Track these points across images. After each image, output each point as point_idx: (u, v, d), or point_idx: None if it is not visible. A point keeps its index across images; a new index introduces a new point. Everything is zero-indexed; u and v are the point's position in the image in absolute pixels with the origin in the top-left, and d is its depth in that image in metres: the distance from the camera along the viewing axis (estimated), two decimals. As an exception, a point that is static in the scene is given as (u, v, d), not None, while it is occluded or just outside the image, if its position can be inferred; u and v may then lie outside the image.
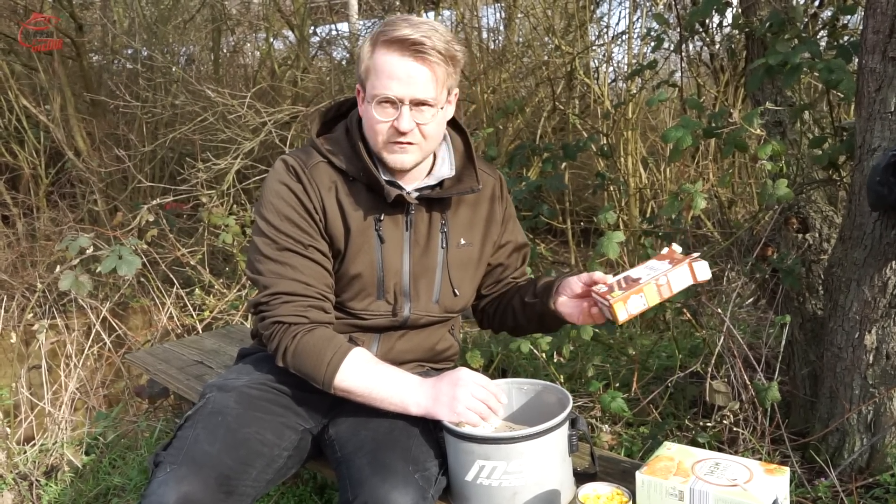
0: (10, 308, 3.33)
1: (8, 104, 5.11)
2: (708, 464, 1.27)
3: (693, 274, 1.36)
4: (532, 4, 5.25)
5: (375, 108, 1.44)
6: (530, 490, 1.34)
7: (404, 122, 1.43)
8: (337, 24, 6.95)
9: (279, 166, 1.53)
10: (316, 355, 1.43)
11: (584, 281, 1.51)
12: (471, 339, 3.19)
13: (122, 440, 2.83)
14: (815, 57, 2.18)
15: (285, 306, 1.46)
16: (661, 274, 1.35)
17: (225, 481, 1.32)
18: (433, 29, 1.42)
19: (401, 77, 1.41)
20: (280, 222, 1.49)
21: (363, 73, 1.46)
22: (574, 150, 3.09)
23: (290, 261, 1.48)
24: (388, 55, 1.41)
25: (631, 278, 1.40)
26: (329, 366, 1.42)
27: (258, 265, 1.50)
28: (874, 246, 2.02)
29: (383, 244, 1.53)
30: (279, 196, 1.50)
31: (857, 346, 2.10)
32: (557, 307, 1.56)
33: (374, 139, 1.49)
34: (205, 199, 3.98)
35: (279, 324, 1.46)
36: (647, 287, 1.34)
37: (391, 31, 1.41)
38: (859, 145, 2.04)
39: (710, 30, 3.40)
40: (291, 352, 1.45)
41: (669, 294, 1.36)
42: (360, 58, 1.47)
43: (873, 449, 2.13)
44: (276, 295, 1.47)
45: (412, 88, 1.41)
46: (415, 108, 1.44)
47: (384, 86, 1.42)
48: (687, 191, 2.21)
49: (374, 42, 1.43)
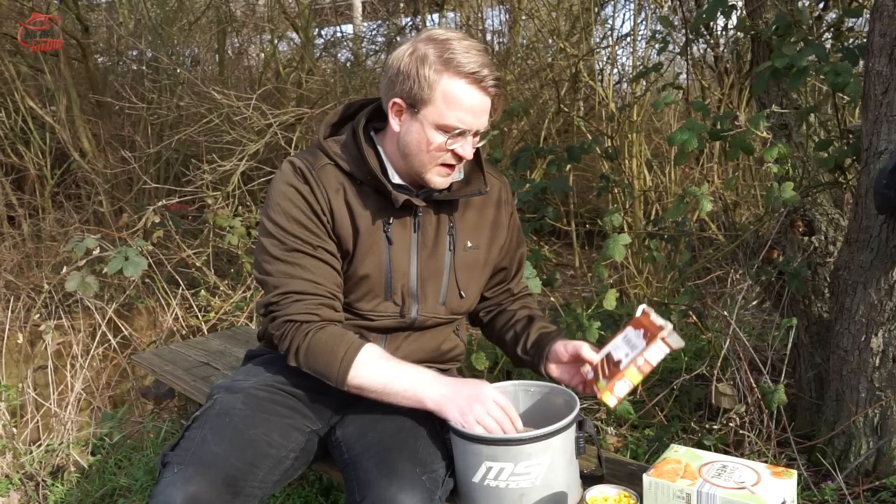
0: (17, 309, 3.34)
1: (14, 105, 5.12)
2: (715, 466, 1.27)
3: (668, 345, 1.45)
4: (536, 6, 5.25)
5: (441, 135, 1.46)
6: (537, 492, 1.34)
7: (469, 151, 1.49)
8: (341, 26, 6.97)
9: (286, 168, 1.54)
10: (328, 352, 1.44)
11: (570, 352, 1.56)
12: (476, 341, 3.19)
13: (128, 441, 2.83)
14: (821, 60, 2.18)
15: (296, 305, 1.47)
16: (639, 354, 1.44)
17: (232, 482, 1.33)
18: (487, 57, 1.46)
19: (476, 112, 1.45)
20: (288, 223, 1.49)
21: (423, 96, 1.44)
22: (578, 152, 3.09)
23: (299, 261, 1.48)
24: (466, 87, 1.43)
25: (613, 360, 1.49)
26: (342, 362, 1.43)
27: (266, 266, 1.51)
28: (880, 249, 2.02)
29: (391, 245, 1.54)
30: (286, 197, 1.50)
31: (863, 349, 2.10)
32: (549, 373, 1.63)
33: (421, 159, 1.49)
34: (210, 200, 3.98)
35: (291, 322, 1.47)
36: (628, 371, 1.44)
37: (461, 63, 1.41)
38: (865, 148, 2.04)
39: (715, 32, 3.40)
40: (304, 350, 1.46)
41: (650, 369, 1.45)
42: (414, 76, 1.43)
43: (880, 452, 2.13)
44: (286, 294, 1.47)
45: (480, 122, 1.48)
46: (473, 136, 1.49)
47: (459, 119, 1.44)
48: (693, 194, 2.21)
49: (441, 67, 1.42)
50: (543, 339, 1.64)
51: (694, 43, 3.42)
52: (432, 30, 1.48)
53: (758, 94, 2.49)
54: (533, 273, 2.42)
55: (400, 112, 1.49)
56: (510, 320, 1.74)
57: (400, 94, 1.47)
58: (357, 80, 5.79)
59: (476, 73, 1.42)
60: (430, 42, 1.44)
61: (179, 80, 5.18)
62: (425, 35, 1.46)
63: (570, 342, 1.58)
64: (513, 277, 1.77)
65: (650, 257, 3.08)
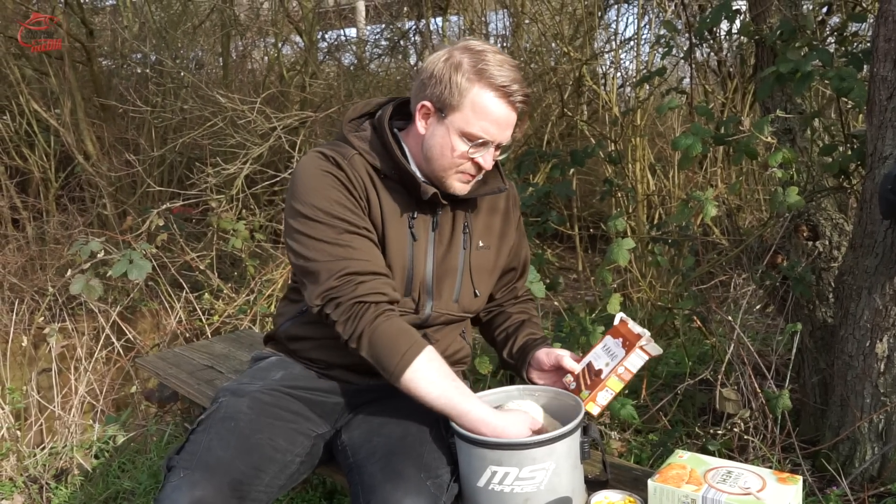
0: (21, 312, 3.35)
1: (19, 108, 5.13)
2: (720, 472, 1.27)
3: (647, 353, 1.49)
4: (539, 10, 5.25)
5: (464, 143, 1.47)
6: (542, 496, 1.34)
7: (490, 162, 1.51)
8: (345, 30, 6.98)
9: (314, 157, 1.52)
10: (391, 343, 1.41)
11: (551, 361, 1.59)
12: (480, 346, 3.18)
13: (132, 444, 2.83)
14: (825, 65, 2.18)
15: (362, 286, 1.43)
16: (619, 364, 1.48)
17: (237, 486, 1.33)
18: (518, 72, 1.47)
19: (501, 125, 1.47)
20: (332, 206, 1.47)
21: (453, 102, 1.45)
22: (582, 156, 3.09)
23: (351, 243, 1.46)
24: (494, 99, 1.45)
25: (594, 369, 1.52)
26: (400, 362, 1.40)
27: (313, 253, 1.46)
28: (885, 254, 2.02)
29: (415, 242, 1.54)
30: (325, 183, 1.48)
31: (868, 354, 2.10)
32: (531, 379, 1.65)
33: (442, 163, 1.50)
34: (214, 203, 3.99)
35: (360, 304, 1.43)
36: (609, 381, 1.48)
37: (495, 75, 1.43)
38: (870, 153, 2.04)
39: (719, 37, 3.40)
40: (367, 337, 1.42)
41: (630, 377, 1.49)
42: (447, 82, 1.45)
43: (884, 458, 2.12)
44: (348, 276, 1.44)
45: (504, 134, 1.49)
46: (495, 149, 1.51)
47: (484, 130, 1.46)
48: (697, 198, 2.21)
49: (474, 77, 1.44)
50: (528, 345, 1.67)
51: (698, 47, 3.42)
52: (470, 40, 1.50)
53: (762, 98, 2.49)
54: (536, 277, 2.42)
55: (427, 115, 1.50)
56: (504, 322, 1.76)
57: (430, 98, 1.48)
58: (361, 83, 5.80)
59: (506, 86, 1.44)
60: (466, 51, 1.46)
61: (183, 83, 5.19)
62: (462, 44, 1.48)
63: (552, 351, 1.60)
64: (519, 278, 1.79)
65: (654, 262, 3.08)
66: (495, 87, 1.44)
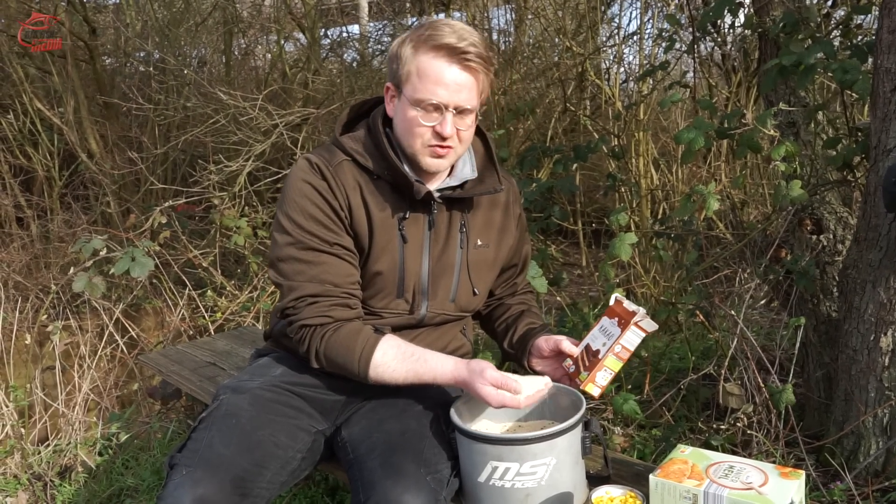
0: (25, 309, 3.35)
1: (22, 107, 5.14)
2: (722, 467, 1.27)
3: (643, 330, 1.49)
4: (542, 5, 5.24)
5: (417, 111, 1.45)
6: (543, 492, 1.34)
7: (448, 128, 1.46)
8: (348, 27, 6.97)
9: (302, 164, 1.52)
10: (345, 353, 1.44)
11: (550, 347, 1.59)
12: (482, 341, 3.18)
13: (135, 441, 2.84)
14: (829, 57, 2.17)
15: (309, 308, 1.46)
16: (615, 342, 1.48)
17: (240, 483, 1.33)
18: (474, 36, 1.44)
19: (448, 84, 1.43)
20: (305, 220, 1.48)
21: (403, 75, 1.45)
22: (585, 151, 3.08)
23: (314, 259, 1.47)
24: (435, 61, 1.42)
25: (591, 350, 1.53)
26: (360, 362, 1.44)
27: (281, 265, 1.50)
28: (889, 247, 2.00)
29: (406, 244, 1.54)
30: (303, 194, 1.49)
31: (872, 348, 2.09)
32: (533, 367, 1.65)
33: (410, 141, 1.49)
34: (216, 200, 3.99)
35: (306, 327, 1.47)
36: (607, 360, 1.48)
37: (438, 37, 1.41)
38: (874, 146, 2.02)
39: (722, 30, 3.38)
40: (322, 353, 1.46)
41: (629, 355, 1.50)
42: (397, 57, 1.46)
43: (889, 452, 2.11)
44: (300, 298, 1.47)
45: (458, 97, 1.44)
46: (457, 114, 1.46)
47: (431, 92, 1.43)
48: (700, 192, 2.20)
49: (419, 44, 1.43)
50: (528, 334, 1.67)
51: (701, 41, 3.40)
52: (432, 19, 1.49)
53: (765, 91, 2.48)
54: (539, 273, 2.41)
55: (393, 98, 1.51)
56: (504, 314, 1.77)
57: (390, 79, 1.49)
58: (363, 80, 5.79)
59: (451, 45, 1.41)
60: (420, 27, 1.46)
61: (186, 81, 5.19)
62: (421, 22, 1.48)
63: (551, 337, 1.60)
64: (519, 273, 1.79)
65: (657, 256, 3.07)
66: (436, 47, 1.42)
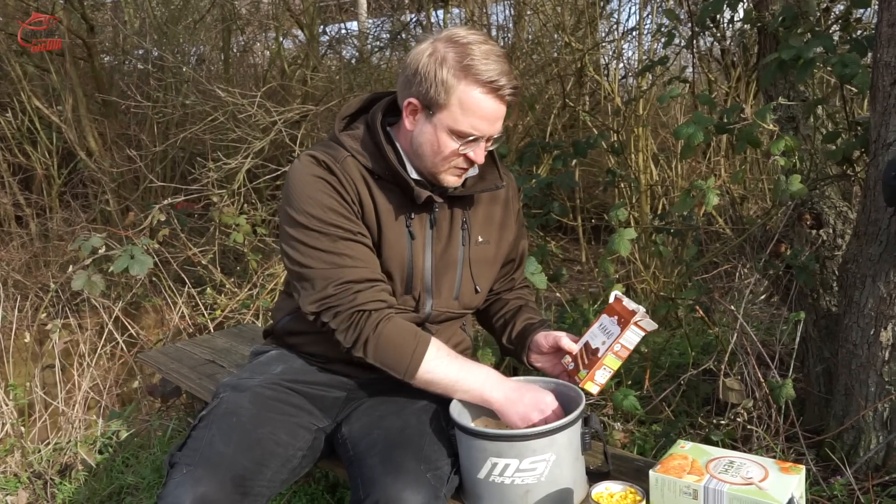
0: (24, 308, 3.35)
1: (21, 105, 5.14)
2: (722, 462, 1.26)
3: (642, 329, 1.49)
4: (541, 1, 5.22)
5: (453, 140, 1.45)
6: (543, 488, 1.33)
7: (481, 156, 1.48)
8: (346, 23, 6.96)
9: (306, 161, 1.50)
10: (398, 347, 1.43)
11: (549, 343, 1.59)
12: (482, 338, 3.18)
13: (135, 439, 2.84)
14: (828, 51, 2.16)
15: (361, 294, 1.43)
16: (615, 341, 1.48)
17: (240, 482, 1.33)
18: (506, 63, 1.44)
19: (489, 118, 1.44)
20: (325, 213, 1.45)
21: (439, 100, 1.42)
22: (584, 147, 3.08)
23: (346, 250, 1.45)
24: (480, 96, 1.41)
25: (591, 348, 1.52)
26: (412, 358, 1.43)
27: (308, 261, 1.46)
28: (889, 242, 2.00)
29: (413, 241, 1.53)
30: (317, 188, 1.46)
31: (872, 342, 2.08)
32: (532, 363, 1.66)
33: (435, 161, 1.48)
34: (216, 198, 3.98)
35: (360, 312, 1.43)
36: (606, 359, 1.48)
37: (480, 69, 1.39)
38: (874, 140, 2.02)
39: (721, 25, 3.38)
40: (373, 343, 1.43)
41: (627, 354, 1.49)
42: (431, 78, 1.41)
43: (889, 447, 2.11)
44: (345, 284, 1.43)
45: (494, 128, 1.47)
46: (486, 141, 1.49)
47: (473, 126, 1.43)
48: (699, 187, 2.19)
49: (459, 73, 1.40)
50: (527, 329, 1.66)
51: (700, 36, 3.40)
52: (453, 30, 1.45)
53: (765, 86, 2.47)
54: (539, 269, 2.40)
55: (415, 112, 1.48)
56: (502, 309, 1.76)
57: (416, 95, 1.45)
58: (362, 76, 5.78)
59: (494, 81, 1.40)
60: (451, 45, 1.42)
61: (185, 78, 5.18)
62: (445, 35, 1.44)
63: (550, 333, 1.60)
64: (517, 268, 1.79)
65: (657, 252, 3.06)
66: (482, 83, 1.40)
